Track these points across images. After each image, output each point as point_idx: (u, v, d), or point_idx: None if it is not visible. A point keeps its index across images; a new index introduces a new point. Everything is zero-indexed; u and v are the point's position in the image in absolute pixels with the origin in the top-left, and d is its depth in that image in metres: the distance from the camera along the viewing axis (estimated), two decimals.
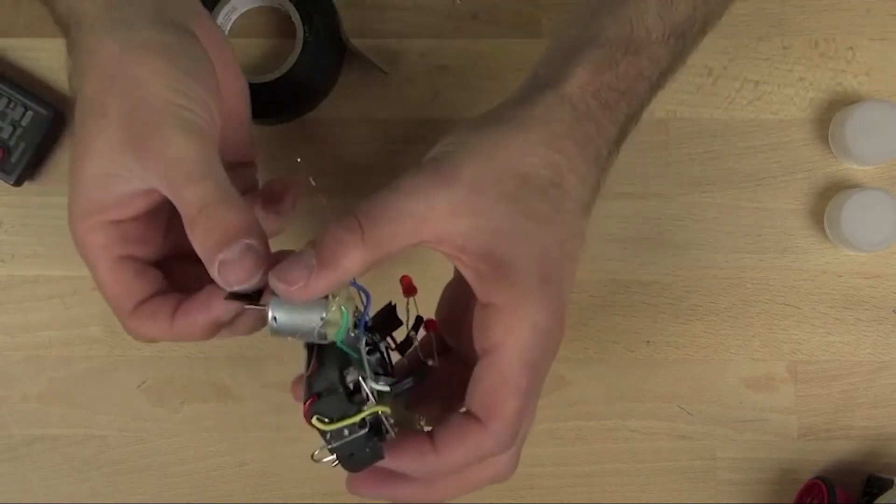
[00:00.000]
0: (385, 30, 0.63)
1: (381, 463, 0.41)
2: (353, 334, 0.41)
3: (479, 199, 0.40)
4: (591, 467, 0.62)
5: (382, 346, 0.43)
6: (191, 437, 0.63)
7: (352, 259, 0.38)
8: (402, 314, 0.44)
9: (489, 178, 0.40)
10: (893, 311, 0.62)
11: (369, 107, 0.63)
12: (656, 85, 0.46)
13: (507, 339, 0.40)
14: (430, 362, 0.43)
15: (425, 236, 0.40)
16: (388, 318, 0.44)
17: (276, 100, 0.60)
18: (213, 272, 0.39)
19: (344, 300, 0.39)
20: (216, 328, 0.43)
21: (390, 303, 0.44)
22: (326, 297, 0.39)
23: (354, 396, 0.39)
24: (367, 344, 0.41)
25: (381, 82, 0.63)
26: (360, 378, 0.39)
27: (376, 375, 0.40)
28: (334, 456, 0.40)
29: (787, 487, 0.62)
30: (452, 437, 0.40)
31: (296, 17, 0.60)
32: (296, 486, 0.63)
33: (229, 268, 0.39)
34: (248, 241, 0.39)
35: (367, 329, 0.42)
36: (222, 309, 0.42)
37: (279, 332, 0.39)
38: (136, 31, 0.42)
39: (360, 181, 0.62)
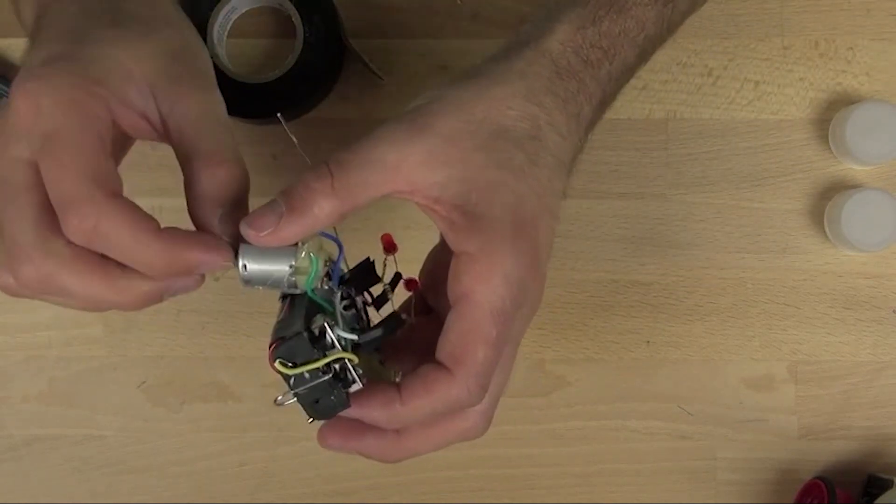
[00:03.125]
0: (385, 30, 0.63)
1: (347, 412, 0.40)
2: (326, 286, 0.40)
3: (453, 150, 0.40)
4: (591, 467, 0.63)
5: (359, 301, 0.43)
6: (191, 437, 0.63)
7: (321, 206, 0.38)
8: (381, 272, 0.43)
9: (464, 129, 0.40)
10: (893, 311, 0.62)
11: (369, 107, 0.63)
12: (642, 50, 0.46)
13: (477, 286, 0.39)
14: (403, 316, 0.42)
15: (398, 186, 0.40)
16: (365, 274, 0.43)
17: (276, 100, 0.60)
18: (213, 218, 0.39)
19: (315, 248, 0.39)
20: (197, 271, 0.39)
21: (367, 258, 0.43)
22: (296, 244, 0.39)
23: (319, 342, 0.39)
24: (342, 297, 0.41)
25: (385, 80, 0.63)
26: (326, 324, 0.39)
27: (351, 330, 0.40)
28: (297, 399, 0.39)
29: (787, 487, 0.62)
30: (419, 385, 0.40)
31: (296, 18, 0.60)
32: (296, 486, 0.63)
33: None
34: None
35: (343, 282, 0.41)
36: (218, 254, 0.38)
37: (250, 280, 0.39)
38: None
39: None
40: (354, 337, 0.39)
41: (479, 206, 0.40)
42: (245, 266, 0.38)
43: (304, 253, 0.39)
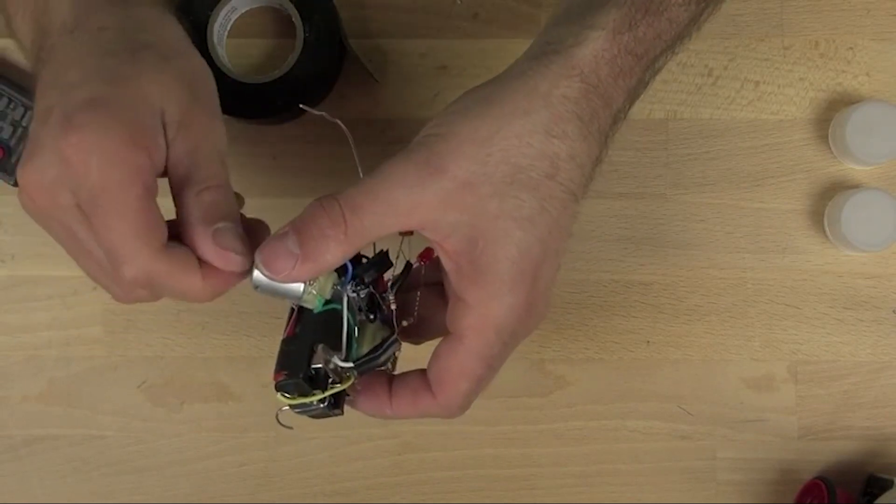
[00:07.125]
0: (385, 30, 0.63)
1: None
2: (337, 287, 0.42)
3: (468, 195, 0.39)
4: (591, 467, 0.63)
5: (370, 289, 0.45)
6: (191, 437, 0.63)
7: (333, 253, 0.40)
8: (397, 254, 0.45)
9: (479, 171, 0.40)
10: (893, 311, 0.62)
11: (369, 107, 0.63)
12: (669, 49, 0.44)
13: (470, 335, 0.41)
14: (404, 323, 0.45)
15: (410, 226, 0.40)
16: (379, 262, 0.45)
17: (276, 100, 0.60)
18: (204, 238, 0.40)
19: (322, 279, 0.41)
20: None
21: (384, 251, 0.45)
22: None
23: (317, 381, 0.42)
24: (355, 287, 0.43)
25: (381, 82, 0.63)
26: (325, 362, 0.42)
27: (363, 318, 0.43)
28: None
29: (787, 487, 0.62)
30: (407, 398, 0.44)
31: (296, 17, 0.60)
32: (296, 486, 0.63)
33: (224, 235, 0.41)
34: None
35: (354, 277, 0.43)
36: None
37: (262, 293, 0.41)
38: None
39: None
40: (351, 365, 0.42)
41: (483, 257, 0.40)
42: (258, 287, 0.41)
43: (311, 290, 0.41)
